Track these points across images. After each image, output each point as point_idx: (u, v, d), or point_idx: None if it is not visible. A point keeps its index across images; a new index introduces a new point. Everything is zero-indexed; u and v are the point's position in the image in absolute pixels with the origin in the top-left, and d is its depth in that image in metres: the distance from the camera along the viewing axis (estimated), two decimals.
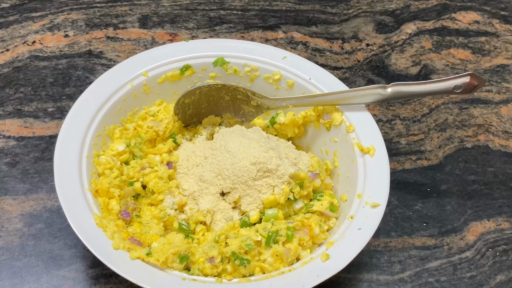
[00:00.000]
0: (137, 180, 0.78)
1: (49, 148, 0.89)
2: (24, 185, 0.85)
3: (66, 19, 1.08)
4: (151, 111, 0.84)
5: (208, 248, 0.71)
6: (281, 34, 1.11)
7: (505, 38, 1.15)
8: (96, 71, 1.00)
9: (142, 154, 0.81)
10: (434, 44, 1.12)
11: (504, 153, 0.97)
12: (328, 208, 0.77)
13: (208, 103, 0.86)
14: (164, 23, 1.10)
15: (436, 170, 0.94)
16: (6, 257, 0.78)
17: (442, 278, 0.82)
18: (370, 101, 0.81)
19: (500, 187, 0.93)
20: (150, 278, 0.65)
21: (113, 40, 1.06)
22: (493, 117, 1.02)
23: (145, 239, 0.72)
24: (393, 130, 0.99)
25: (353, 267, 0.80)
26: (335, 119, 0.82)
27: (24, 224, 0.81)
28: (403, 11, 1.18)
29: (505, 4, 1.21)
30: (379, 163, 0.77)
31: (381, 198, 0.74)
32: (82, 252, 0.79)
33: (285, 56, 0.87)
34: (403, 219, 0.87)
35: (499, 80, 1.08)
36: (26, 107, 0.94)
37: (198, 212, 0.76)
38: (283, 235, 0.72)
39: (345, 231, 0.72)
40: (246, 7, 1.15)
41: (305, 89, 0.85)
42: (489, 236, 0.87)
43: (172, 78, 0.85)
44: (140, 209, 0.78)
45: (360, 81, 1.05)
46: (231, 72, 0.86)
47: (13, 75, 0.98)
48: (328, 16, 1.16)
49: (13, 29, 1.05)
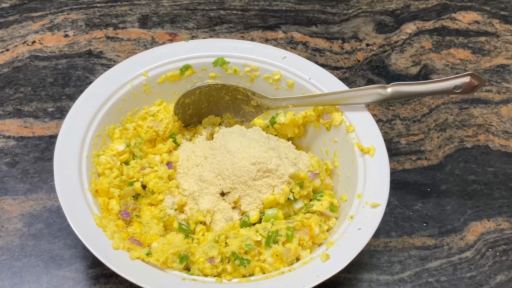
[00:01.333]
0: (137, 180, 0.78)
1: (49, 148, 0.89)
2: (24, 185, 0.85)
3: (66, 19, 1.08)
4: (151, 111, 0.84)
5: (208, 248, 0.71)
6: (281, 34, 1.11)
7: (505, 38, 1.15)
8: (96, 71, 1.00)
9: (142, 154, 0.81)
10: (434, 44, 1.12)
11: (504, 153, 0.97)
12: (328, 208, 0.77)
13: (208, 103, 0.86)
14: (164, 23, 1.10)
15: (436, 170, 0.94)
16: (6, 257, 0.78)
17: (442, 278, 0.82)
18: (370, 101, 0.81)
19: (500, 187, 0.93)
20: (150, 278, 0.65)
21: (113, 40, 1.06)
22: (493, 117, 1.02)
23: (145, 239, 0.72)
24: (393, 130, 0.99)
25: (353, 267, 0.80)
26: (335, 119, 0.82)
27: (24, 224, 0.81)
28: (403, 11, 1.18)
29: (505, 4, 1.21)
30: (379, 163, 0.77)
31: (381, 198, 0.74)
32: (82, 252, 0.79)
33: (285, 56, 0.87)
34: (403, 219, 0.87)
35: (499, 80, 1.08)
36: (26, 107, 0.94)
37: (198, 212, 0.76)
38: (283, 235, 0.72)
39: (345, 231, 0.72)
40: (246, 7, 1.15)
41: (305, 89, 0.85)
42: (489, 236, 0.87)
43: (172, 78, 0.85)
44: (140, 209, 0.78)
45: (360, 81, 1.05)
46: (231, 72, 0.86)
47: (13, 75, 0.98)
48: (328, 16, 1.16)
49: (13, 29, 1.05)
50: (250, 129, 0.82)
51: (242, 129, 0.82)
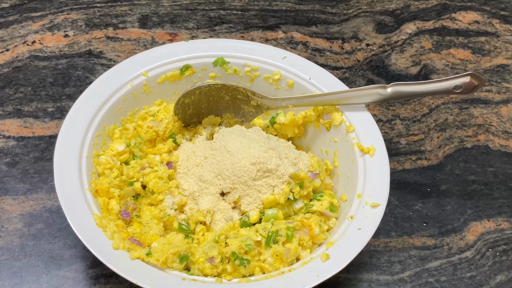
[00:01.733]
0: (137, 180, 0.78)
1: (49, 148, 0.89)
2: (24, 185, 0.85)
3: (66, 19, 1.08)
4: (151, 111, 0.84)
5: (208, 248, 0.71)
6: (281, 34, 1.11)
7: (505, 38, 1.15)
8: (96, 71, 1.00)
9: (142, 154, 0.81)
10: (434, 44, 1.12)
11: (504, 153, 0.97)
12: (328, 208, 0.77)
13: (208, 103, 0.86)
14: (164, 23, 1.10)
15: (436, 170, 0.94)
16: (6, 257, 0.78)
17: (442, 278, 0.82)
18: (370, 101, 0.81)
19: (500, 187, 0.93)
20: (150, 278, 0.65)
21: (113, 40, 1.06)
22: (493, 117, 1.02)
23: (145, 239, 0.72)
24: (393, 130, 0.99)
25: (353, 267, 0.80)
26: (335, 119, 0.82)
27: (24, 224, 0.81)
28: (403, 11, 1.18)
29: (505, 4, 1.21)
30: (379, 163, 0.77)
31: (381, 198, 0.74)
32: (82, 252, 0.79)
33: (285, 56, 0.87)
34: (403, 219, 0.87)
35: (499, 80, 1.08)
36: (26, 107, 0.94)
37: (198, 212, 0.76)
38: (283, 235, 0.72)
39: (345, 231, 0.72)
40: (246, 7, 1.15)
41: (305, 89, 0.85)
42: (489, 236, 0.87)
43: (172, 78, 0.85)
44: (140, 209, 0.78)
45: (360, 81, 1.05)
46: (231, 72, 0.86)
47: (13, 75, 0.98)
48: (328, 16, 1.16)
49: (13, 29, 1.05)
50: (250, 129, 0.82)
51: (242, 129, 0.82)
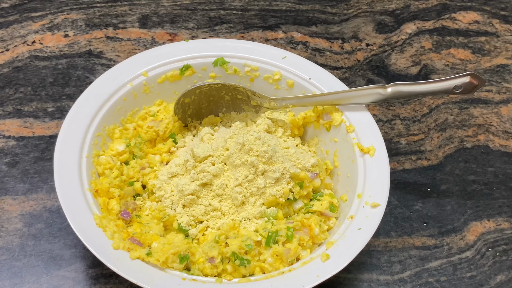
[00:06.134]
0: (137, 180, 0.78)
1: (49, 148, 0.89)
2: (24, 185, 0.85)
3: (66, 19, 1.08)
4: (151, 111, 0.84)
5: (208, 248, 0.71)
6: (281, 34, 1.11)
7: (505, 38, 1.15)
8: (96, 71, 1.00)
9: (142, 154, 0.81)
10: (434, 44, 1.12)
11: (504, 153, 0.97)
12: (328, 208, 0.77)
13: (208, 103, 0.86)
14: (164, 23, 1.10)
15: (436, 170, 0.94)
16: (6, 257, 0.78)
17: (442, 278, 0.82)
18: (370, 101, 0.81)
19: (500, 187, 0.93)
20: (150, 278, 0.65)
21: (113, 40, 1.06)
22: (493, 117, 1.02)
23: (145, 239, 0.72)
24: (393, 130, 0.98)
25: (353, 267, 0.80)
26: (335, 119, 0.82)
27: (24, 224, 0.81)
28: (403, 11, 1.18)
29: (505, 4, 1.21)
30: (379, 163, 0.77)
31: (381, 198, 0.74)
32: (82, 252, 0.79)
33: (285, 56, 0.87)
34: (403, 219, 0.87)
35: (499, 80, 1.08)
36: (26, 107, 0.94)
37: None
38: (283, 235, 0.72)
39: (345, 231, 0.72)
40: (246, 7, 1.15)
41: (305, 89, 0.85)
42: (489, 236, 0.87)
43: (172, 78, 0.85)
44: (140, 209, 0.78)
45: (360, 81, 1.05)
46: (231, 72, 0.86)
47: (13, 75, 0.98)
48: (328, 16, 1.16)
49: (13, 29, 1.05)
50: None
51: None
